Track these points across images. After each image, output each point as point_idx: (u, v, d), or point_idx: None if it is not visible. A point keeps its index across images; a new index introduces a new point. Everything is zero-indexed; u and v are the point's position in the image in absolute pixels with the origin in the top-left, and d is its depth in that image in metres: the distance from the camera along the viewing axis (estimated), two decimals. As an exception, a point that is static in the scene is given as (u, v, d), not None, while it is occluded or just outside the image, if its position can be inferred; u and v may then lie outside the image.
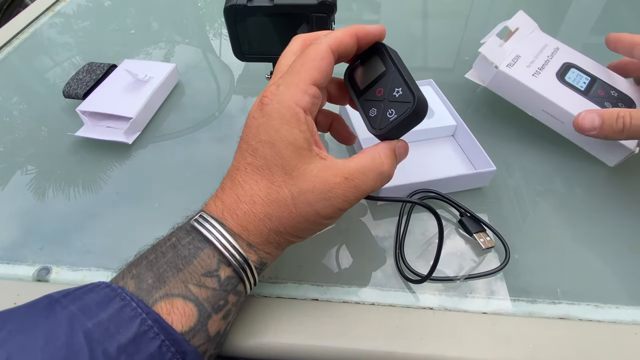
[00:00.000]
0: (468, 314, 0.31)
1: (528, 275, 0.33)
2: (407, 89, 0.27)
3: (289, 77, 0.26)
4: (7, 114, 0.50)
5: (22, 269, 0.34)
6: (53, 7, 0.70)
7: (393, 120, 0.27)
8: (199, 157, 0.44)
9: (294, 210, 0.25)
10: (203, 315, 0.24)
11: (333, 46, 0.27)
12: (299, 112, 0.25)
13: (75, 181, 0.42)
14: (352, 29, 0.28)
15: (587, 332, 0.30)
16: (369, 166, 0.27)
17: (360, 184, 0.26)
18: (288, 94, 0.26)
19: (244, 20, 0.38)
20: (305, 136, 0.25)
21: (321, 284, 0.33)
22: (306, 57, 0.27)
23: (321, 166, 0.26)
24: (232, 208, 0.26)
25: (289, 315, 0.31)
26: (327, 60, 0.27)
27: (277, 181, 0.25)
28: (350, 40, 0.28)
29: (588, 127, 0.36)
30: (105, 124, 0.45)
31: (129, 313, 0.22)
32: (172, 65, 0.50)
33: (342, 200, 0.26)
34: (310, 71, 0.26)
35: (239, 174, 0.27)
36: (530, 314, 0.31)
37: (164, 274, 0.24)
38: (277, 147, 0.25)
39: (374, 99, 0.29)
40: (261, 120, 0.26)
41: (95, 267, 0.34)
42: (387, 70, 0.29)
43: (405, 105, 0.27)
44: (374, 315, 0.31)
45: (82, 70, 0.50)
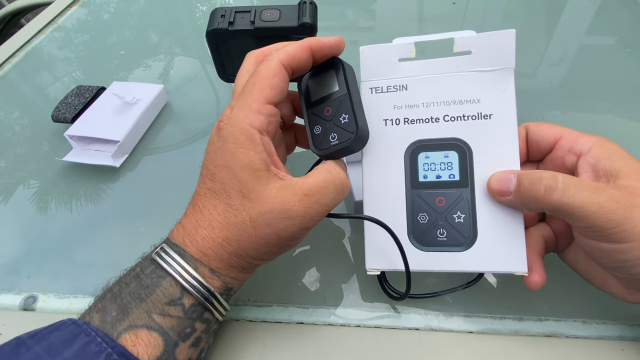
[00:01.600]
0: (454, 333, 0.31)
1: (514, 292, 0.33)
2: (353, 119, 0.27)
3: (242, 99, 0.26)
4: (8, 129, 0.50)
5: (9, 298, 0.34)
6: (53, 22, 0.71)
7: (333, 145, 0.28)
8: (187, 177, 0.44)
9: (253, 233, 0.25)
10: (169, 344, 0.24)
11: (285, 61, 0.27)
12: (254, 134, 0.25)
13: (64, 206, 0.42)
14: (305, 43, 0.28)
15: (574, 349, 0.30)
16: (328, 179, 0.26)
17: (321, 199, 0.26)
18: (241, 115, 0.25)
19: (226, 43, 0.39)
20: (262, 157, 0.25)
21: (307, 306, 0.33)
22: (257, 76, 0.26)
23: (279, 186, 0.25)
24: (191, 234, 0.26)
25: (274, 339, 0.31)
26: (280, 77, 0.26)
27: (235, 204, 0.25)
28: (304, 55, 0.27)
29: (502, 189, 0.27)
30: (93, 148, 0.45)
31: (93, 349, 0.22)
32: (159, 87, 0.51)
33: (303, 219, 0.25)
34: (262, 90, 0.26)
35: (200, 199, 0.26)
36: (516, 332, 0.31)
37: (127, 305, 0.24)
38: (233, 170, 0.25)
39: (321, 117, 0.29)
40: (218, 144, 0.26)
41: (82, 294, 0.34)
42: (339, 91, 0.29)
43: (347, 134, 0.27)
44: (360, 338, 0.31)
45: (71, 94, 0.51)
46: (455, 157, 0.29)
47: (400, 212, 0.30)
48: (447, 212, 0.29)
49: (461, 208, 0.29)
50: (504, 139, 0.29)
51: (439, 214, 0.29)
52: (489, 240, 0.28)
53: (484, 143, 0.29)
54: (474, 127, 0.29)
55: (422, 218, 0.29)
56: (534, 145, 0.30)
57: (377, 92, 0.31)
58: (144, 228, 0.39)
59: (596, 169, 0.26)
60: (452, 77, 0.30)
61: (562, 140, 0.29)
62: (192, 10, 0.75)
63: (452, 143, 0.29)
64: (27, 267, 0.37)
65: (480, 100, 0.29)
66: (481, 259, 0.28)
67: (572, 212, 0.24)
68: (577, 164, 0.27)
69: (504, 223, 0.28)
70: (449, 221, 0.29)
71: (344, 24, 0.69)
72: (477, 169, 0.29)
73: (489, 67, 0.29)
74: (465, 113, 0.29)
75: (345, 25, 0.69)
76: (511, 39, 0.28)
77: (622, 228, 0.23)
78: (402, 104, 0.30)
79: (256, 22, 0.37)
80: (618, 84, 0.53)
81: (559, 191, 0.24)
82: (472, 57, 0.29)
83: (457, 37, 0.29)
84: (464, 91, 0.29)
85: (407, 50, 0.30)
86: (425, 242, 0.29)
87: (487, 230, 0.28)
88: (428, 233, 0.29)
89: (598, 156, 0.26)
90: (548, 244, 0.30)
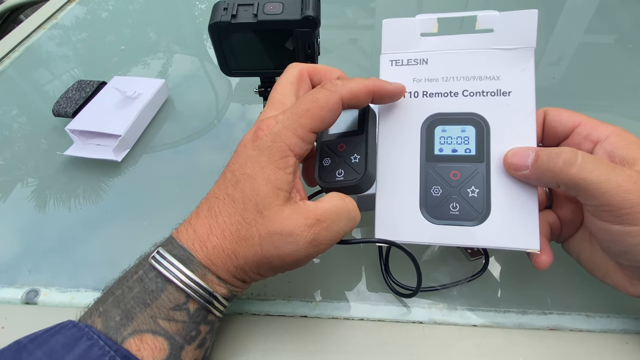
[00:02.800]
0: (458, 327, 0.31)
1: (518, 286, 0.33)
2: (364, 162, 0.28)
3: (290, 117, 0.25)
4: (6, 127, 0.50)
5: (11, 292, 0.34)
6: (51, 19, 0.71)
7: (338, 181, 0.28)
8: (188, 172, 0.44)
9: (259, 251, 0.25)
10: (175, 348, 0.24)
11: (346, 100, 0.26)
12: (289, 157, 0.25)
13: (65, 200, 0.42)
14: (370, 85, 0.27)
15: (578, 343, 0.30)
16: (341, 206, 0.26)
17: (332, 225, 0.25)
18: (285, 135, 0.25)
19: (228, 37, 0.38)
20: (288, 179, 0.25)
21: (310, 299, 0.33)
22: (314, 103, 0.25)
23: (293, 208, 0.25)
24: (202, 239, 0.25)
25: (278, 333, 0.31)
26: (335, 113, 0.26)
27: (249, 218, 0.25)
28: (366, 98, 0.27)
29: (519, 163, 0.27)
30: (94, 142, 0.45)
31: (96, 352, 0.22)
32: (161, 81, 0.50)
33: (309, 246, 0.25)
34: (314, 119, 0.25)
35: (217, 203, 0.26)
36: (520, 325, 0.31)
37: (132, 310, 0.24)
38: (257, 182, 0.25)
39: (333, 151, 0.29)
40: (252, 152, 0.25)
41: (84, 287, 0.34)
42: (357, 132, 0.29)
43: (354, 174, 0.28)
44: (364, 331, 0.31)
45: (72, 88, 0.50)
46: (473, 132, 0.29)
47: (413, 184, 0.30)
48: (461, 186, 0.29)
49: (475, 183, 0.29)
50: (522, 116, 0.29)
51: (453, 187, 0.29)
52: (502, 216, 0.28)
53: (502, 119, 0.29)
54: (493, 103, 0.29)
55: (435, 191, 0.29)
56: (550, 131, 0.30)
57: (397, 64, 0.31)
58: (147, 222, 0.39)
59: (612, 156, 0.26)
60: (473, 54, 0.30)
61: (580, 127, 0.28)
62: (191, 8, 0.75)
63: (470, 118, 0.29)
64: (29, 261, 0.36)
65: (500, 77, 0.29)
66: (493, 234, 0.28)
67: (588, 188, 0.24)
68: (594, 150, 0.28)
69: (518, 199, 0.28)
70: (463, 195, 0.29)
71: (343, 22, 0.69)
72: (494, 144, 0.29)
73: (510, 46, 0.29)
74: (485, 89, 0.29)
75: (344, 24, 0.69)
76: (533, 18, 0.28)
77: (636, 209, 0.23)
78: (422, 77, 0.30)
79: (259, 15, 0.37)
80: (617, 82, 0.53)
81: (578, 165, 0.24)
82: (494, 35, 0.29)
83: (480, 15, 0.29)
84: (484, 68, 0.30)
85: (430, 25, 0.31)
86: (438, 215, 0.29)
87: (500, 206, 0.28)
88: (441, 206, 0.29)
89: (615, 144, 0.27)
90: (553, 231, 0.30)
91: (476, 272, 0.33)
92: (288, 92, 0.28)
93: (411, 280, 0.33)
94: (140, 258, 0.27)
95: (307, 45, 0.38)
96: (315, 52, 0.39)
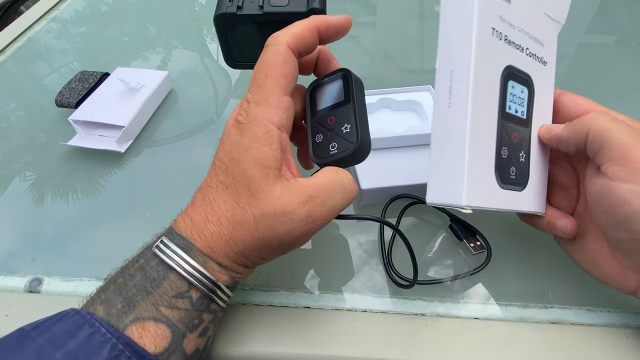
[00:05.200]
0: (460, 319, 0.31)
1: (519, 280, 0.33)
2: (355, 129, 0.27)
3: (258, 92, 0.25)
4: (4, 120, 0.50)
5: (14, 280, 0.34)
6: (50, 12, 0.71)
7: (332, 155, 0.27)
8: (192, 164, 0.44)
9: (256, 234, 0.24)
10: (177, 335, 0.24)
11: (292, 44, 0.26)
12: (272, 129, 0.25)
13: (68, 190, 0.42)
14: (312, 22, 0.27)
15: (579, 336, 0.30)
16: (334, 179, 0.26)
17: (326, 200, 0.25)
18: (259, 110, 0.25)
19: (233, 28, 0.38)
20: (275, 155, 0.25)
21: (313, 291, 0.33)
22: (268, 65, 0.25)
23: (284, 186, 0.24)
24: (200, 227, 0.25)
25: (281, 323, 0.31)
26: (290, 63, 0.26)
27: (242, 202, 0.25)
28: (311, 35, 0.26)
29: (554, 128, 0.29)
30: (97, 133, 0.45)
31: (98, 339, 0.22)
32: (164, 73, 0.50)
33: (305, 223, 0.24)
34: (276, 81, 0.25)
35: (210, 191, 0.26)
36: (522, 319, 0.31)
37: (134, 298, 0.24)
38: (244, 165, 0.25)
39: (323, 125, 0.29)
40: (235, 138, 0.25)
41: (87, 277, 0.34)
42: (345, 102, 0.28)
43: (347, 144, 0.27)
44: (366, 323, 0.31)
45: (75, 79, 0.50)
46: (526, 95, 0.28)
47: (490, 142, 0.27)
48: (517, 149, 0.28)
49: (524, 147, 0.28)
50: (548, 89, 0.29)
51: (513, 150, 0.28)
52: (533, 183, 0.29)
53: (539, 88, 0.29)
54: (537, 69, 0.29)
55: (504, 152, 0.27)
56: (564, 112, 0.30)
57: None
58: (150, 213, 0.39)
59: None
60: (537, 13, 0.29)
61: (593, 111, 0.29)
62: (191, 3, 0.74)
63: (527, 79, 0.28)
64: (33, 250, 0.36)
65: (544, 45, 0.29)
66: (529, 200, 0.29)
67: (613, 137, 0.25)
68: None
69: (541, 167, 0.30)
70: (517, 159, 0.28)
71: (344, 18, 0.69)
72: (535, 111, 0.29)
73: (554, 16, 0.29)
74: (537, 53, 0.29)
75: (346, 20, 0.69)
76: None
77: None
78: (506, 18, 0.27)
79: (265, 7, 0.37)
80: (618, 82, 0.53)
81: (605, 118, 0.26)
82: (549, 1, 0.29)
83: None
84: (541, 30, 0.29)
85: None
86: (504, 179, 0.27)
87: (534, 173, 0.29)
88: (505, 169, 0.27)
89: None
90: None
91: (479, 265, 0.33)
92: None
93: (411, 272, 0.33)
94: (143, 248, 0.27)
95: (313, 38, 0.38)
96: (320, 45, 0.39)
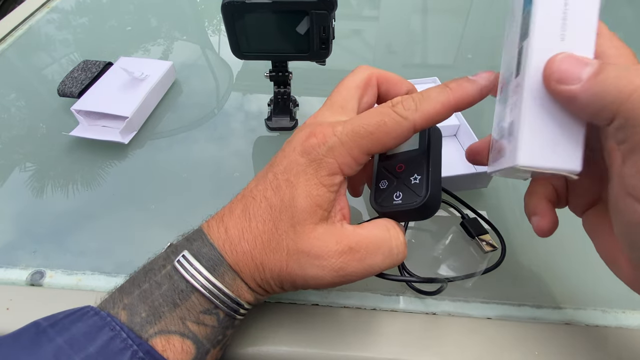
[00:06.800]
0: (471, 319, 0.30)
1: (533, 280, 0.32)
2: (425, 182, 0.24)
3: (350, 135, 0.23)
4: (4, 111, 0.49)
5: (16, 273, 0.33)
6: (49, 2, 0.69)
7: (395, 205, 0.25)
8: (196, 156, 0.43)
9: (285, 268, 0.23)
10: (201, 352, 0.23)
11: (419, 126, 0.23)
12: (337, 176, 0.23)
13: (70, 182, 0.41)
14: (452, 101, 0.23)
15: (593, 338, 0.29)
16: (383, 238, 0.24)
17: (365, 258, 0.23)
18: (339, 152, 0.23)
19: (242, 17, 0.37)
20: (331, 198, 0.23)
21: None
22: (380, 128, 0.23)
23: (327, 229, 0.23)
24: (234, 242, 0.24)
25: (289, 320, 0.30)
26: (402, 140, 0.23)
27: (281, 229, 0.23)
28: (444, 118, 0.23)
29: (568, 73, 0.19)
30: (100, 123, 0.44)
31: (118, 345, 0.21)
32: (169, 63, 0.49)
33: (336, 274, 0.23)
34: (375, 144, 0.23)
35: (254, 204, 0.24)
36: (534, 319, 0.30)
37: (160, 309, 0.23)
38: (297, 193, 0.23)
39: (391, 172, 0.27)
40: (300, 159, 0.23)
41: (90, 270, 0.34)
42: (418, 150, 0.26)
43: (413, 197, 0.24)
44: (376, 321, 0.30)
45: (77, 68, 0.49)
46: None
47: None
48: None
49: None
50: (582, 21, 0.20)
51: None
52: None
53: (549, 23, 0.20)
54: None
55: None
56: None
57: None
58: (154, 205, 0.38)
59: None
60: None
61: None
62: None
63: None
64: (35, 242, 0.36)
65: None
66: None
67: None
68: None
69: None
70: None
71: (347, 12, 0.68)
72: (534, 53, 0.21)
73: None
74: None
75: (348, 14, 0.67)
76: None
77: None
78: None
79: (274, -4, 0.36)
80: None
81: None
82: None
83: None
84: None
85: None
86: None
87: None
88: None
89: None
90: (559, 193, 0.27)
91: (491, 264, 0.32)
92: (352, 96, 0.26)
93: (426, 271, 0.33)
94: (168, 250, 0.25)
95: (323, 28, 0.37)
96: (329, 36, 0.38)
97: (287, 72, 0.43)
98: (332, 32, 0.38)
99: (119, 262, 0.34)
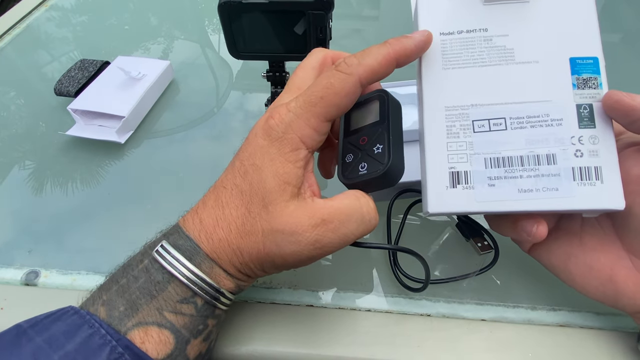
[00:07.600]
0: (466, 320, 0.30)
1: (527, 281, 0.32)
2: (387, 149, 0.25)
3: (303, 106, 0.24)
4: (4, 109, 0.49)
5: (10, 272, 0.33)
6: (48, 0, 0.69)
7: (361, 175, 0.26)
8: (193, 155, 0.43)
9: (262, 248, 0.23)
10: (181, 342, 0.23)
11: (365, 80, 0.24)
12: (301, 149, 0.24)
13: (66, 181, 0.41)
14: (392, 54, 0.24)
15: (587, 340, 0.29)
16: (353, 206, 0.24)
17: (339, 227, 0.23)
18: (297, 126, 0.23)
19: (239, 17, 0.37)
20: (297, 173, 0.24)
21: (316, 289, 0.32)
22: (328, 89, 0.23)
23: (299, 205, 0.23)
24: (209, 231, 0.24)
25: (283, 321, 0.30)
26: (353, 97, 0.24)
27: (254, 212, 0.23)
28: (388, 69, 0.25)
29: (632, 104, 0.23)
30: (97, 123, 0.44)
31: (97, 341, 0.21)
32: (166, 62, 0.49)
33: (312, 247, 0.23)
34: (329, 107, 0.23)
35: (225, 193, 0.25)
36: (529, 321, 0.30)
37: (137, 301, 0.23)
38: (264, 174, 0.23)
39: (355, 145, 0.27)
40: (262, 142, 0.24)
41: (85, 270, 0.34)
42: (379, 122, 0.27)
43: (377, 165, 0.25)
44: (370, 322, 0.30)
45: (74, 67, 0.49)
46: None
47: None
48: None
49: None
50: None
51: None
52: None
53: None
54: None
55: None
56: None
57: None
58: (150, 205, 0.38)
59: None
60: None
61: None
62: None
63: None
64: (29, 242, 0.36)
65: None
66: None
67: None
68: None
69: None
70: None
71: (347, 11, 0.67)
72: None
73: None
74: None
75: (348, 13, 0.67)
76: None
77: None
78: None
79: (271, -4, 0.36)
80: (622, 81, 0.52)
81: None
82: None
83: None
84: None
85: None
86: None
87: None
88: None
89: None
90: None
91: (485, 265, 0.32)
92: (308, 77, 0.26)
93: (420, 271, 0.32)
94: (146, 246, 0.26)
95: (320, 28, 0.37)
96: (327, 36, 0.38)
97: (284, 72, 0.43)
98: (330, 33, 0.38)
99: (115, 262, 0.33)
